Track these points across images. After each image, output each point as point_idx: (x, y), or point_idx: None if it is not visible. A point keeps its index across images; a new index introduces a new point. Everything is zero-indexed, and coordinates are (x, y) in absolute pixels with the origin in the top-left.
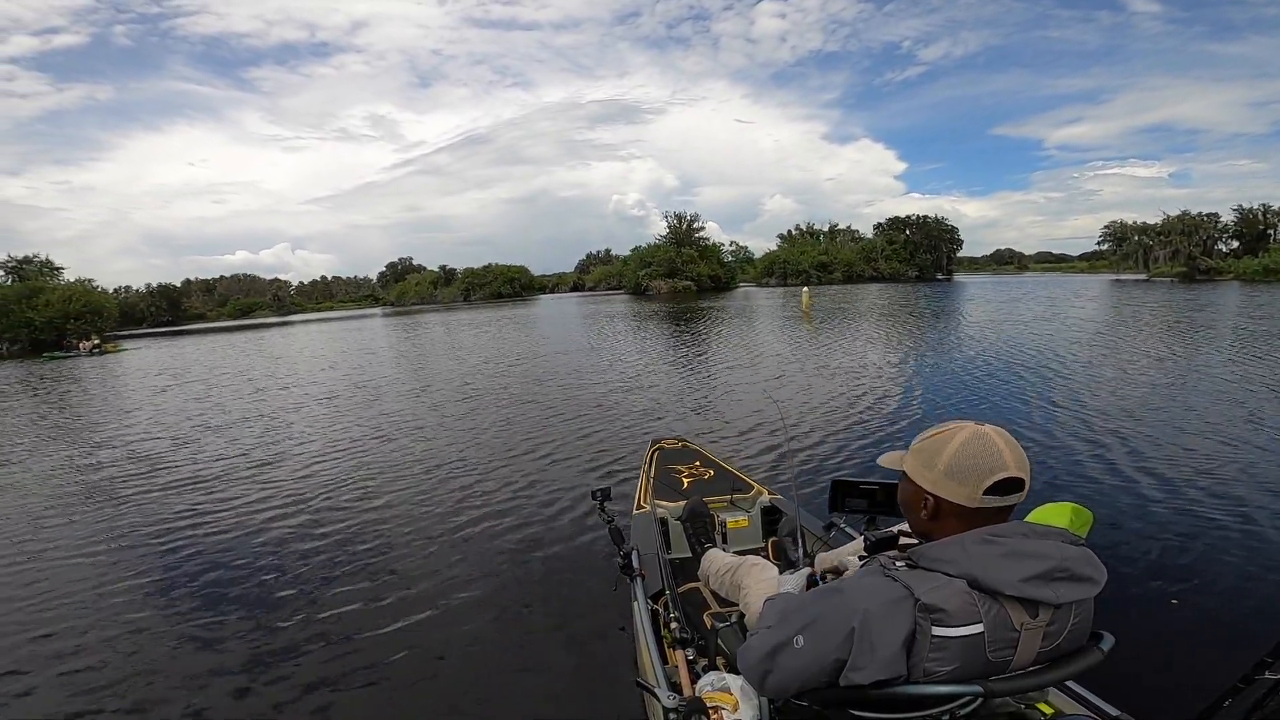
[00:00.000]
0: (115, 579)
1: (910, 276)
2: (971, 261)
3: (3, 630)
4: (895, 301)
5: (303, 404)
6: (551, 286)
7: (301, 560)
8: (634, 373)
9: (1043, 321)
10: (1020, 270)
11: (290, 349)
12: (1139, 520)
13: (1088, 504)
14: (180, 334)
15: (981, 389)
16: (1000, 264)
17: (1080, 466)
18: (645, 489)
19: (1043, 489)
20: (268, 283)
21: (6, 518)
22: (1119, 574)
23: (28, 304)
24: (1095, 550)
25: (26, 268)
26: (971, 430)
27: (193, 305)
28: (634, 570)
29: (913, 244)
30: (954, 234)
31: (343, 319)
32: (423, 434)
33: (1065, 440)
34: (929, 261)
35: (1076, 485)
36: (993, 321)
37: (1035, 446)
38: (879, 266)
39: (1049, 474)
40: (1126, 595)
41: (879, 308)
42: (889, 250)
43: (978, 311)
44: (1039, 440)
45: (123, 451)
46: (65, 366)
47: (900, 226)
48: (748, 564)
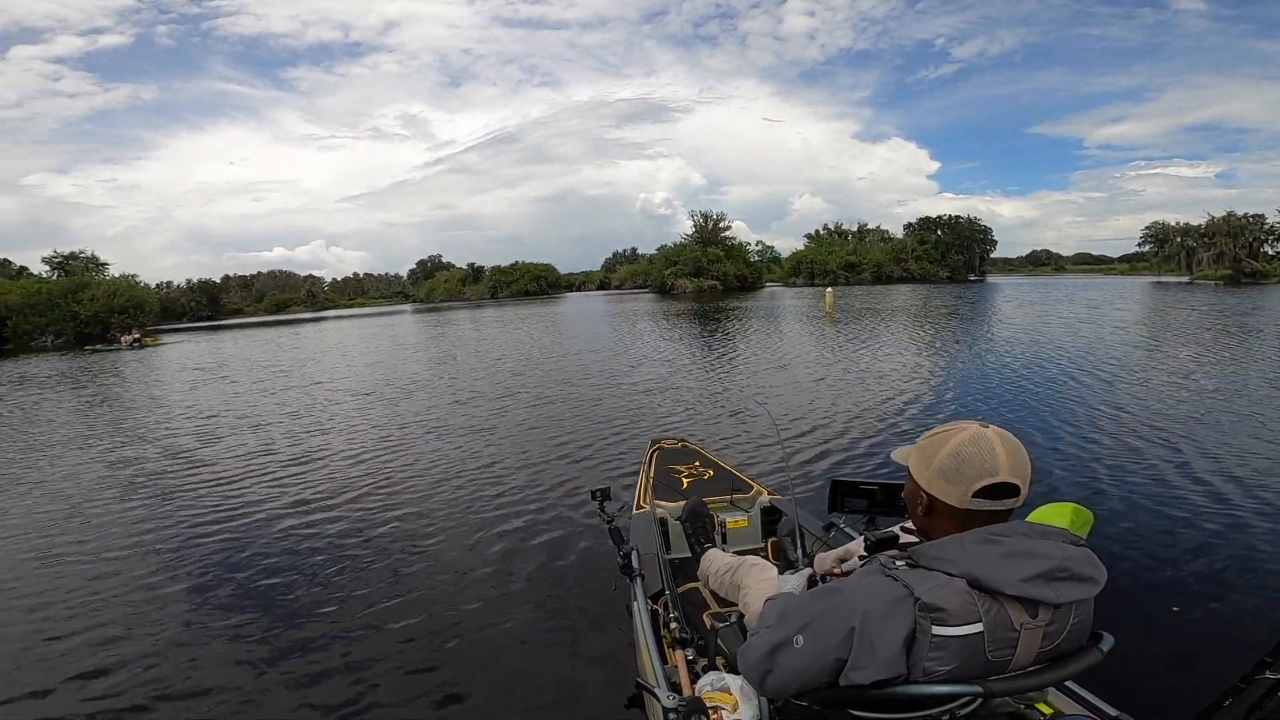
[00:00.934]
0: (148, 569)
1: (941, 277)
2: (1006, 263)
3: (37, 619)
4: (923, 303)
5: (329, 401)
6: (578, 285)
7: (306, 556)
8: (648, 374)
9: (1073, 323)
10: (1057, 272)
11: (322, 344)
12: (1139, 521)
13: (1089, 503)
14: (218, 329)
15: (998, 391)
16: (1036, 265)
17: (1080, 465)
18: (645, 489)
19: (1047, 490)
20: (302, 279)
21: (42, 508)
22: (1119, 574)
23: (73, 298)
24: (1096, 550)
25: (73, 263)
26: (972, 431)
27: (231, 301)
28: (634, 570)
29: (944, 244)
30: (987, 234)
31: (373, 315)
32: (443, 431)
33: (1068, 439)
34: (961, 262)
35: (1078, 485)
36: (1022, 323)
37: (1038, 446)
38: (909, 267)
39: (1051, 474)
40: (1126, 595)
41: (906, 309)
42: (919, 250)
43: (1008, 313)
44: (1043, 439)
45: (154, 444)
46: (107, 359)
47: (931, 226)
48: (747, 564)
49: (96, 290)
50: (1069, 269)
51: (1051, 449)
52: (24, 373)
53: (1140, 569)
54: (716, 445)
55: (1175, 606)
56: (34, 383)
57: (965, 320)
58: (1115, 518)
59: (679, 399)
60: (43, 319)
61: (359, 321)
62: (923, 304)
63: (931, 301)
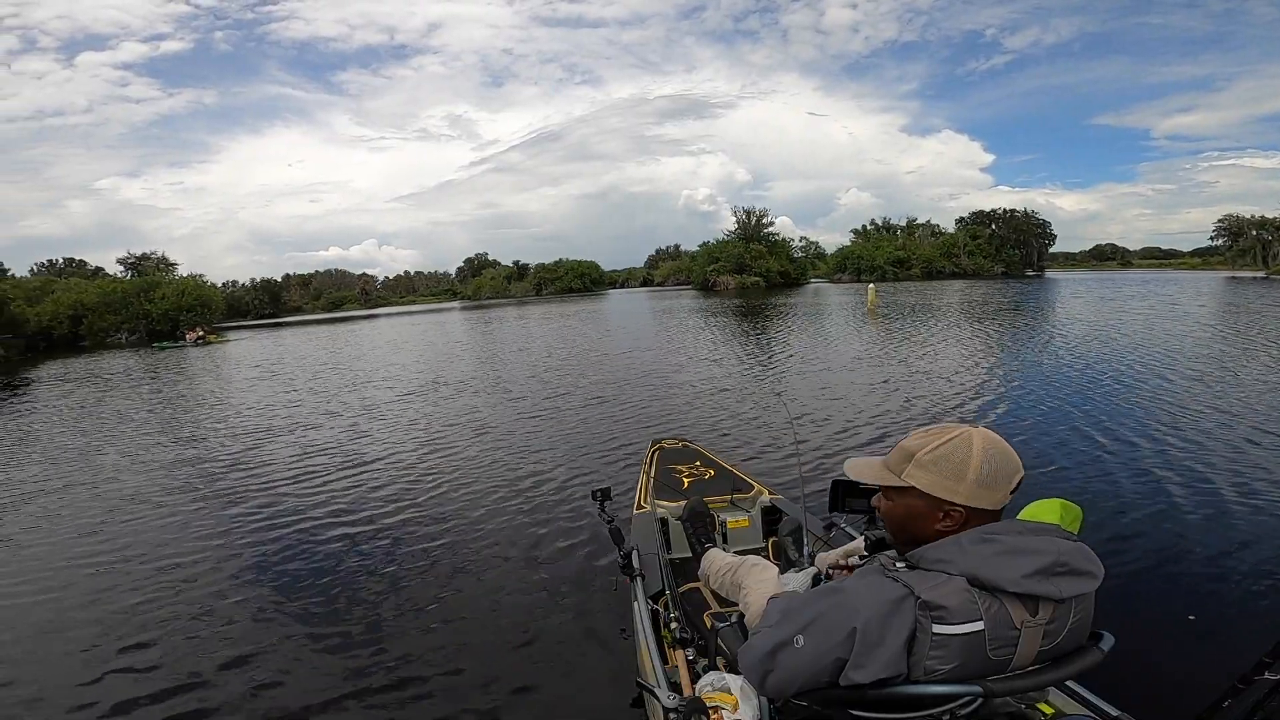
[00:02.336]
0: (201, 558)
1: (996, 273)
2: (1067, 257)
3: (90, 607)
4: (974, 299)
5: (377, 399)
6: (621, 282)
7: (309, 554)
8: (672, 371)
9: (1152, 320)
10: (1123, 266)
11: (375, 341)
12: (1140, 521)
13: (1089, 503)
14: (279, 325)
15: (1039, 394)
16: (1100, 259)
17: (1079, 462)
18: (645, 489)
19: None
20: (356, 277)
21: (100, 498)
22: (1120, 574)
23: (145, 297)
24: (1096, 550)
25: (144, 263)
26: (981, 435)
27: (291, 299)
28: (634, 570)
29: (999, 239)
30: (1045, 228)
31: (423, 312)
32: (480, 430)
33: (1061, 435)
34: (1017, 257)
35: (1074, 481)
36: (1089, 319)
37: (1028, 443)
38: (961, 262)
39: (1042, 471)
40: (1127, 596)
41: (954, 305)
42: (972, 246)
43: (1072, 309)
44: (1032, 436)
45: (208, 437)
46: (173, 356)
47: (985, 221)
48: (748, 564)
49: (166, 289)
50: (1136, 263)
51: (1050, 447)
52: (94, 369)
53: (1141, 569)
54: (731, 441)
55: (1191, 615)
56: (101, 379)
57: (1019, 317)
58: (1117, 517)
59: (699, 395)
60: (117, 317)
61: (410, 319)
62: (973, 300)
63: (983, 298)
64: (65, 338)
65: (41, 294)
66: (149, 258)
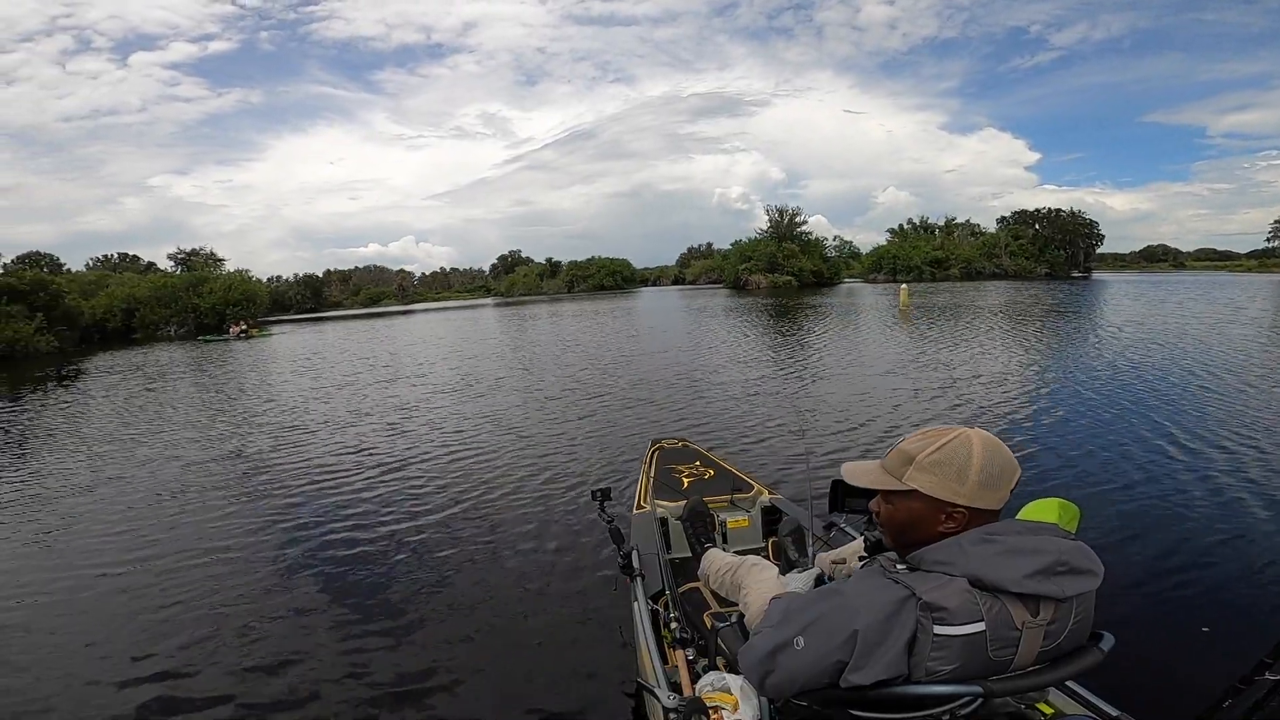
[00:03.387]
0: (237, 553)
1: (1040, 274)
2: (1116, 258)
3: (132, 596)
4: (1012, 301)
5: (406, 397)
6: (653, 280)
7: (311, 553)
8: (680, 369)
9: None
10: (1175, 268)
11: (410, 337)
12: (1140, 521)
13: (1088, 503)
14: (320, 320)
15: (1073, 407)
16: (1151, 260)
17: (1079, 461)
18: (645, 489)
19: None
20: (394, 273)
21: (141, 490)
22: (1120, 574)
23: (194, 291)
24: (1096, 550)
25: (194, 259)
26: (979, 436)
27: (331, 294)
28: (634, 570)
29: (1042, 239)
30: (1093, 228)
31: (458, 308)
32: (508, 428)
33: (1062, 435)
34: (1062, 258)
35: (1074, 480)
36: (1134, 322)
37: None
38: (1002, 263)
39: (1040, 471)
40: (1126, 596)
41: (991, 307)
42: (1014, 246)
43: (1117, 314)
44: (1028, 438)
45: (243, 431)
46: (216, 349)
47: (1028, 220)
48: (748, 564)
49: (214, 284)
50: (1189, 265)
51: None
52: (139, 361)
53: (1141, 569)
54: (745, 439)
55: (1191, 616)
56: (144, 371)
57: (1059, 320)
58: (1117, 516)
59: (722, 398)
60: (167, 310)
61: (444, 315)
62: (1012, 302)
63: (1022, 299)
64: (118, 330)
65: (96, 288)
66: (198, 253)
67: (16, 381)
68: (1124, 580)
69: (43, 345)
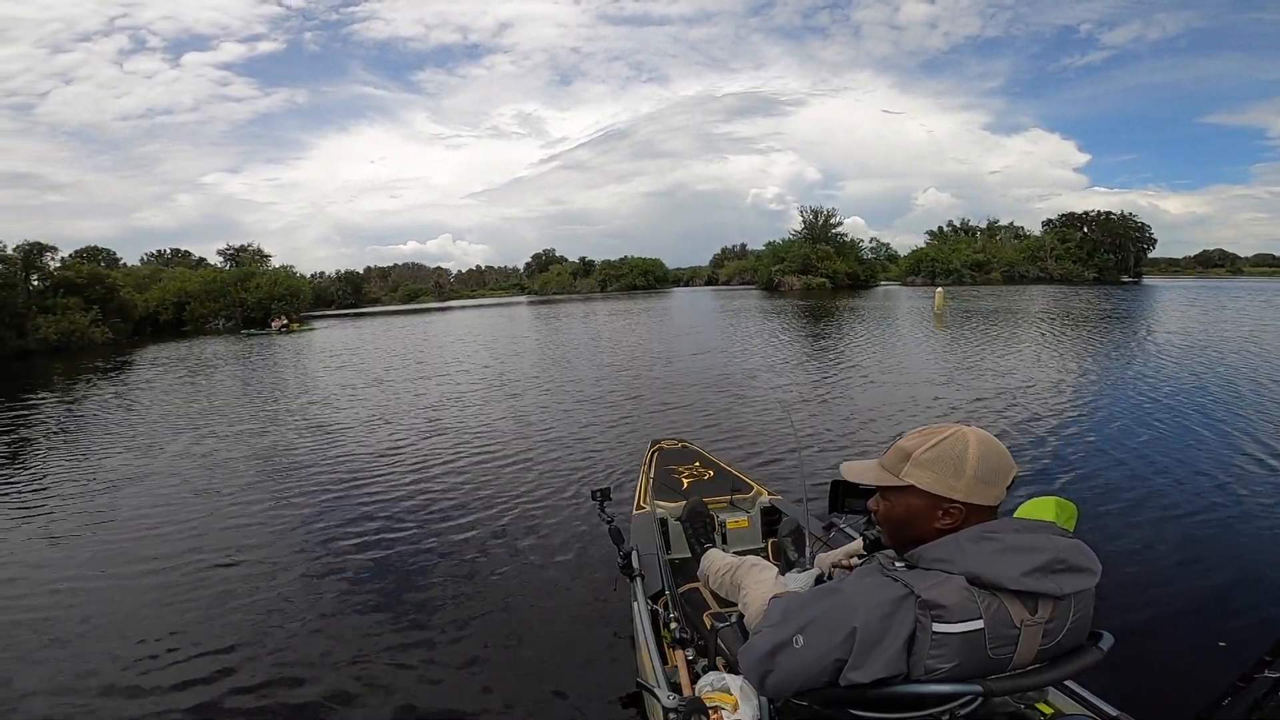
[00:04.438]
0: (272, 544)
1: (1086, 278)
2: (1170, 263)
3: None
4: (1056, 306)
5: (443, 395)
6: (685, 280)
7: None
8: (694, 370)
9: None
10: (1232, 274)
11: (447, 334)
12: (1139, 520)
13: (1087, 502)
14: (360, 315)
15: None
16: (1206, 266)
17: (1079, 460)
18: (645, 489)
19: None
20: (431, 271)
21: (177, 482)
22: (1120, 574)
23: (241, 286)
24: (1095, 548)
25: (242, 255)
26: (975, 434)
27: (371, 290)
28: (634, 570)
29: (1091, 242)
30: (1144, 232)
31: (493, 306)
32: (533, 428)
33: (1055, 433)
34: (1111, 262)
35: (1075, 479)
36: (1160, 331)
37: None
38: (1047, 267)
39: (1038, 468)
40: (1126, 595)
41: (1031, 312)
42: (1061, 249)
43: (1148, 321)
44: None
45: (274, 425)
46: (258, 343)
47: (1076, 223)
48: (747, 564)
49: (261, 279)
50: (1247, 270)
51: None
52: (183, 354)
53: (1141, 569)
54: (737, 443)
55: (1190, 616)
56: (187, 363)
57: (1103, 326)
58: (1116, 516)
59: (705, 397)
60: (216, 304)
61: (480, 312)
62: (1056, 307)
63: (1067, 304)
64: (170, 323)
65: (150, 282)
66: (246, 249)
67: (71, 371)
68: (1124, 580)
69: (98, 336)
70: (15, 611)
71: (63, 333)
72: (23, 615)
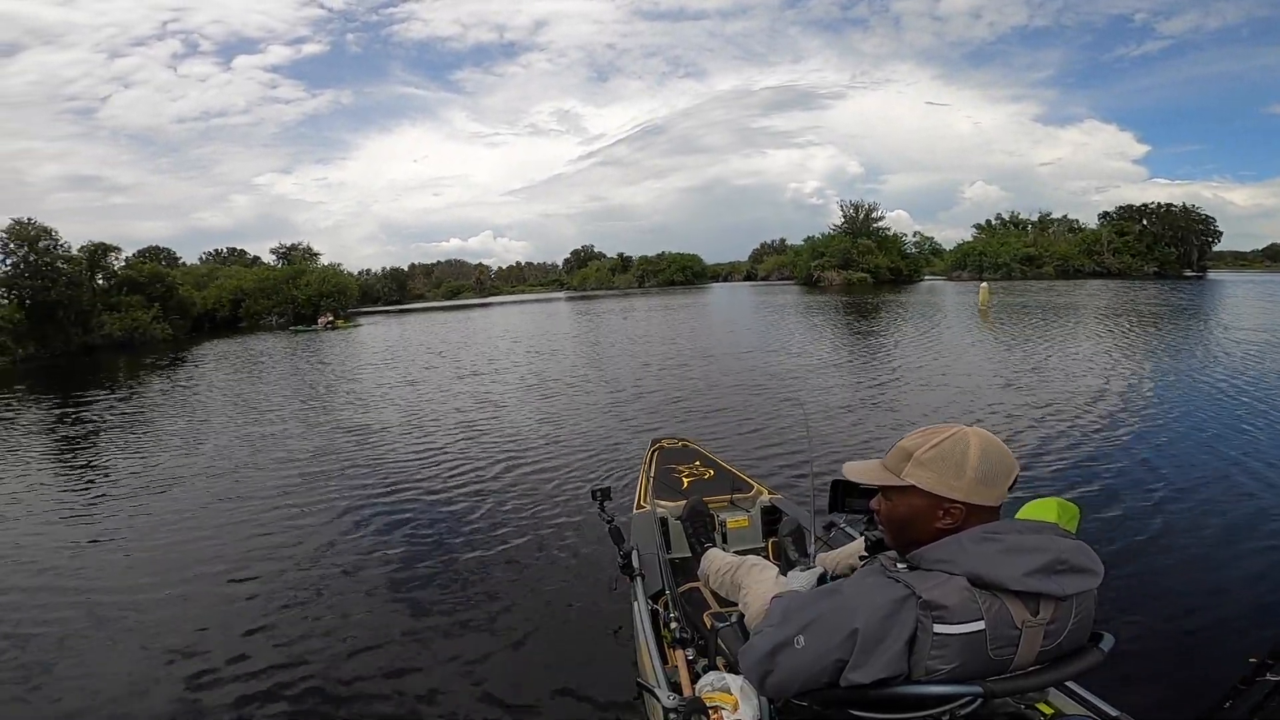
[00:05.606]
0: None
1: (1147, 273)
2: (1237, 256)
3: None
4: (1116, 300)
5: (482, 393)
6: (724, 275)
7: None
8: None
9: None
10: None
11: (489, 332)
12: (1140, 521)
13: (1088, 503)
14: (405, 312)
15: None
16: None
17: (1079, 459)
18: (645, 488)
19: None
20: (473, 267)
21: (222, 477)
22: (1121, 575)
23: (292, 284)
24: (1096, 550)
25: (293, 253)
26: (977, 434)
27: (415, 287)
28: (634, 570)
29: (1151, 235)
30: (1209, 224)
31: (532, 301)
32: (561, 428)
33: (1058, 435)
34: (1173, 256)
35: (1074, 479)
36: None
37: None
38: (1104, 260)
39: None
40: (1127, 596)
41: (1084, 307)
42: (1119, 243)
43: (1212, 317)
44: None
45: (313, 421)
46: (304, 339)
47: (1135, 215)
48: (747, 564)
49: (310, 277)
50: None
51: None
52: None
53: (1141, 569)
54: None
55: (1191, 616)
56: (233, 359)
57: (1167, 323)
58: (1116, 516)
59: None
60: (270, 301)
61: (520, 308)
62: (1111, 302)
63: (1126, 300)
64: (226, 319)
65: (208, 280)
66: (296, 248)
67: (133, 367)
68: (1124, 580)
69: (159, 333)
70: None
71: (126, 329)
72: (67, 599)
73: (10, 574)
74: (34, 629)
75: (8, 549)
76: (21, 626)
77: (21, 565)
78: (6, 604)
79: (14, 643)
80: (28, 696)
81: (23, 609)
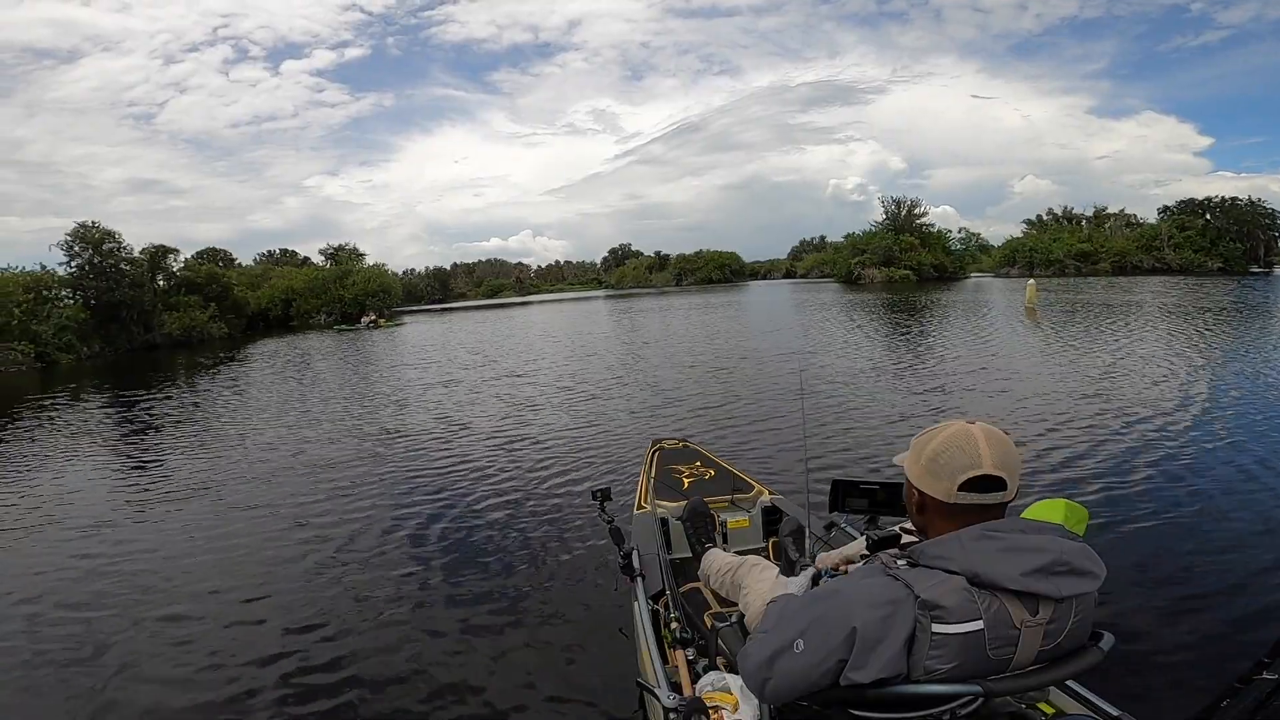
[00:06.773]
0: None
1: (1210, 269)
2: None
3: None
4: (1179, 299)
5: (510, 396)
6: (763, 273)
7: None
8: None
9: None
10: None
11: (528, 331)
12: (1140, 521)
13: (1090, 502)
14: (447, 310)
15: None
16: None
17: (1079, 460)
18: (646, 489)
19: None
20: (513, 266)
21: (259, 470)
22: (1119, 574)
23: (339, 284)
24: (1096, 549)
25: (340, 253)
26: (957, 427)
27: (456, 286)
28: (634, 570)
29: (1214, 230)
30: (1275, 218)
31: (571, 300)
32: (582, 429)
33: (1061, 436)
34: (1239, 251)
35: (1075, 480)
36: None
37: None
38: (1164, 256)
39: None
40: (1126, 595)
41: (1142, 305)
42: (1180, 238)
43: None
44: None
45: (327, 424)
46: (348, 337)
47: (1198, 210)
48: (748, 564)
49: (357, 277)
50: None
51: None
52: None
53: (1141, 568)
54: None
55: (1190, 615)
56: (282, 358)
57: (1232, 322)
58: (1116, 517)
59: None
60: (318, 300)
61: (559, 306)
62: (1171, 299)
63: (1184, 297)
64: (279, 318)
65: (261, 280)
66: (343, 248)
67: (191, 364)
68: (1124, 580)
69: (215, 331)
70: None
71: (184, 328)
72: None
73: (57, 561)
74: (72, 627)
75: (68, 534)
76: (61, 625)
77: (69, 557)
78: (55, 590)
79: (37, 639)
80: (71, 680)
81: (66, 600)
